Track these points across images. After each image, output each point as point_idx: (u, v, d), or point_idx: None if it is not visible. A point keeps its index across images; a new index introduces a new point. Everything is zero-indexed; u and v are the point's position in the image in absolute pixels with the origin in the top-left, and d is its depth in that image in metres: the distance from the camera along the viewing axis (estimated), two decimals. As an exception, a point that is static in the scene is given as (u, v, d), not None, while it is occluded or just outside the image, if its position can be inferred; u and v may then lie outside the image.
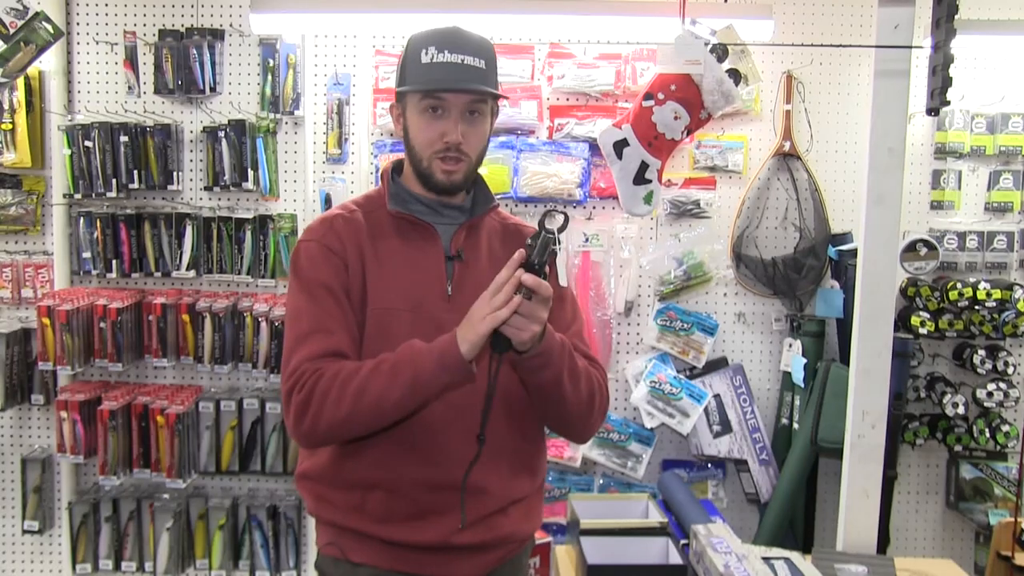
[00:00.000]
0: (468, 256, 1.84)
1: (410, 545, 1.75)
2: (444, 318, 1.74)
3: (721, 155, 3.41)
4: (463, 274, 1.82)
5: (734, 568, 2.13)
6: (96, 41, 3.38)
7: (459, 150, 1.78)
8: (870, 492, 2.65)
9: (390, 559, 1.77)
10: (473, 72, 1.78)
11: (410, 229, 1.84)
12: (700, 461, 3.46)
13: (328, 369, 1.67)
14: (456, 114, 1.77)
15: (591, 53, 3.36)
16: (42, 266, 3.42)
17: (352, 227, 1.82)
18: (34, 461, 3.43)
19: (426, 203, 1.86)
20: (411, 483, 1.74)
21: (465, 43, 1.80)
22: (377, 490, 1.75)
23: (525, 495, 1.86)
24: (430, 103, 1.78)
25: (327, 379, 1.66)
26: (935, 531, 3.61)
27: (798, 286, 3.39)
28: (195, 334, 3.31)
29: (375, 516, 1.75)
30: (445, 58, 1.77)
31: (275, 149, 3.37)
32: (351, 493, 1.77)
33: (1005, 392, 3.34)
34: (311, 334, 1.72)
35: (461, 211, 1.89)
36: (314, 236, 1.82)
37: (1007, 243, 3.45)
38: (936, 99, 2.36)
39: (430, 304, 1.78)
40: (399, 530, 1.75)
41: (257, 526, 3.38)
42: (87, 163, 3.30)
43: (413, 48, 1.81)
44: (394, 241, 1.82)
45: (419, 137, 1.80)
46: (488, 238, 1.90)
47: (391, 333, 1.74)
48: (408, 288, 1.79)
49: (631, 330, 3.48)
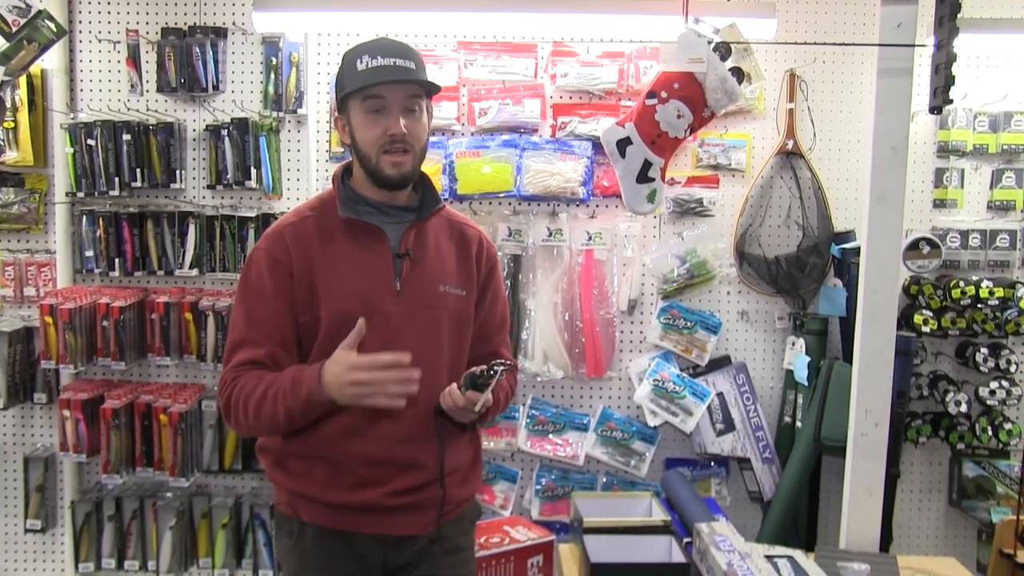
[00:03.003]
0: (416, 254, 2.04)
1: (348, 506, 2.00)
2: (393, 312, 1.99)
3: (724, 153, 3.41)
4: (411, 270, 2.02)
5: (737, 566, 2.14)
6: (99, 39, 3.38)
7: (404, 141, 1.96)
8: (873, 490, 2.65)
9: (332, 519, 2.02)
10: (406, 71, 1.96)
11: (359, 231, 2.02)
12: (703, 459, 3.46)
13: (240, 381, 1.94)
14: (396, 109, 1.95)
15: (594, 51, 3.36)
16: (45, 264, 3.42)
17: (301, 235, 2.01)
18: (37, 460, 3.43)
19: (375, 205, 2.05)
20: (352, 458, 1.99)
21: (395, 49, 1.98)
22: (322, 462, 2.00)
23: (459, 466, 2.11)
24: (372, 104, 1.96)
25: (237, 391, 1.94)
26: (938, 529, 3.61)
27: (801, 284, 3.39)
28: (198, 333, 3.31)
29: (320, 483, 2.01)
30: (379, 62, 1.95)
31: (278, 147, 3.37)
32: (300, 463, 2.03)
33: (1007, 390, 3.33)
34: (241, 345, 1.99)
35: (408, 211, 2.08)
36: (262, 247, 2.03)
37: (1010, 241, 3.45)
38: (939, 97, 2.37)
39: (379, 300, 1.99)
40: (340, 494, 1.99)
41: (260, 525, 3.38)
42: (90, 161, 3.30)
43: (348, 61, 1.99)
44: (344, 244, 2.01)
45: (365, 137, 1.97)
46: (435, 236, 2.10)
47: (345, 330, 1.89)
48: (357, 288, 1.99)
49: (634, 328, 3.48)
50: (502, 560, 2.74)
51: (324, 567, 2.04)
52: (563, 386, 3.50)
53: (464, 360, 2.12)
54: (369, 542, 2.04)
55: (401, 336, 1.98)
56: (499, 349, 2.20)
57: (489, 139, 3.32)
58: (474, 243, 2.16)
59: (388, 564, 2.06)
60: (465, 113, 3.38)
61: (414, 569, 2.07)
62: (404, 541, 2.05)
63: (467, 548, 2.20)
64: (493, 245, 2.23)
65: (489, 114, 3.32)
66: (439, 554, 2.08)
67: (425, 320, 2.02)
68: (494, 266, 2.20)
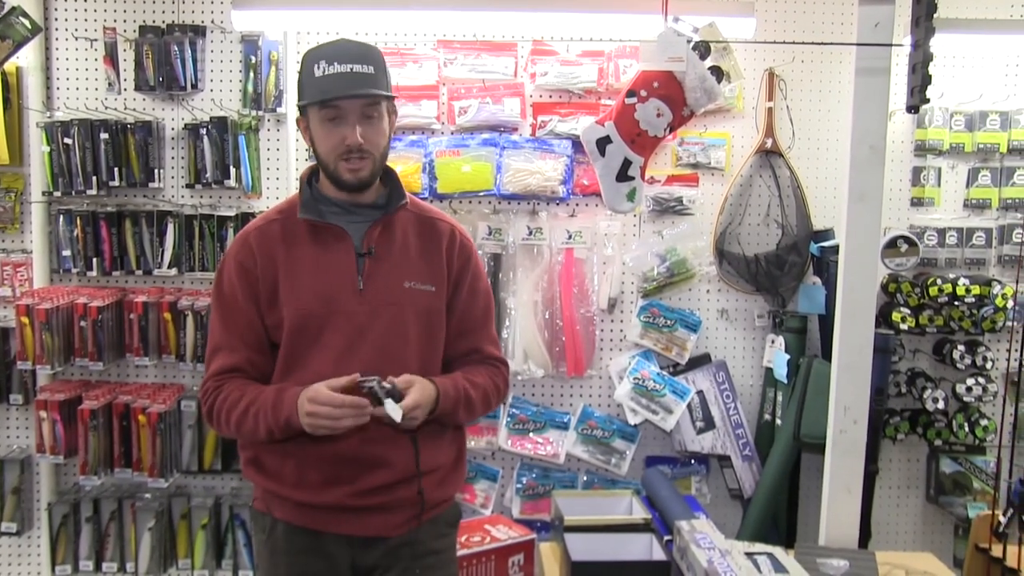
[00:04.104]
0: (380, 251, 2.04)
1: (316, 505, 2.01)
2: (356, 310, 2.00)
3: (704, 152, 3.42)
4: (374, 268, 2.02)
5: (717, 564, 2.14)
6: (75, 37, 3.35)
7: (361, 150, 1.97)
8: (852, 487, 2.66)
9: (302, 517, 2.03)
10: (363, 78, 1.95)
11: (322, 232, 2.03)
12: (683, 457, 3.47)
13: (223, 392, 1.99)
14: (353, 119, 1.96)
15: (574, 50, 3.36)
16: (21, 264, 3.39)
17: (266, 239, 2.04)
18: (12, 462, 3.39)
19: (339, 204, 2.06)
20: (321, 456, 1.98)
21: (352, 53, 1.97)
22: (292, 459, 2.01)
23: (438, 466, 2.08)
24: (328, 113, 1.96)
25: (220, 401, 1.99)
26: (916, 525, 3.64)
27: (780, 283, 3.41)
28: (177, 332, 3.29)
29: (290, 481, 2.01)
30: (335, 69, 1.94)
31: (257, 146, 3.36)
32: (272, 460, 2.04)
33: (984, 387, 3.37)
34: (219, 350, 2.03)
35: (375, 208, 2.08)
36: (231, 253, 2.06)
37: (985, 239, 3.49)
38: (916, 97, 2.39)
39: (342, 300, 2.00)
40: (308, 493, 2.00)
41: (240, 525, 3.37)
42: (67, 160, 3.27)
43: (307, 64, 1.99)
44: (307, 247, 2.03)
45: (323, 145, 1.99)
46: (402, 231, 2.09)
47: (308, 331, 1.99)
48: (320, 288, 2.00)
49: (614, 327, 3.49)
50: (483, 559, 2.74)
51: (293, 563, 2.04)
52: (543, 385, 3.50)
53: (438, 357, 2.10)
54: (337, 541, 2.03)
55: (365, 335, 1.99)
56: (481, 345, 2.17)
57: (469, 138, 3.32)
58: (444, 237, 2.12)
59: (357, 564, 2.05)
60: (445, 112, 3.37)
61: (384, 571, 2.05)
62: (373, 542, 2.04)
63: (443, 551, 2.15)
64: (469, 237, 2.19)
65: (469, 113, 3.32)
66: (410, 557, 2.05)
67: (390, 318, 2.01)
68: (469, 259, 2.15)
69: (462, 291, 2.14)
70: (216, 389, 2.00)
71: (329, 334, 1.98)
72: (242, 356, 2.01)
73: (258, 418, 1.93)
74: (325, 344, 1.98)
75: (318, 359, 1.98)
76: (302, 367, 1.99)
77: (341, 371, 1.90)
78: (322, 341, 1.98)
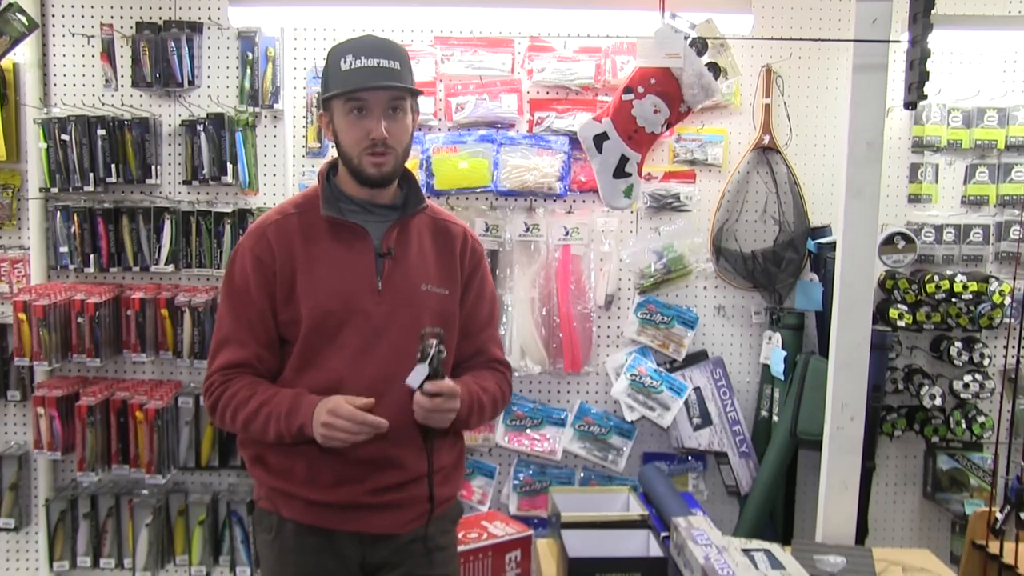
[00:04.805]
0: (398, 253, 2.03)
1: (328, 504, 2.00)
2: (374, 311, 1.99)
3: (701, 149, 3.42)
4: (393, 269, 2.02)
5: (714, 560, 2.15)
6: (72, 33, 3.35)
7: (385, 144, 1.96)
8: (849, 484, 2.67)
9: (312, 516, 2.02)
10: (389, 72, 1.95)
11: (342, 230, 2.02)
12: (680, 454, 3.47)
13: (232, 385, 1.97)
14: (378, 112, 1.95)
15: (571, 47, 3.36)
16: (18, 261, 3.39)
17: (284, 233, 2.02)
18: (10, 458, 3.40)
19: (358, 203, 2.05)
20: (333, 455, 1.95)
21: (379, 48, 1.97)
22: (303, 458, 1.99)
23: (442, 466, 2.08)
24: (353, 105, 1.95)
25: (227, 397, 1.97)
26: (913, 521, 3.64)
27: (777, 279, 3.41)
28: (174, 329, 3.28)
29: (300, 479, 2.00)
30: (362, 63, 1.94)
31: (254, 143, 3.35)
32: (281, 459, 2.02)
33: (981, 383, 3.37)
34: (226, 343, 2.01)
35: (392, 209, 2.08)
36: (246, 245, 2.03)
37: (983, 236, 3.49)
38: (913, 93, 2.39)
39: (361, 299, 1.99)
40: (319, 491, 1.99)
41: (237, 521, 3.37)
42: (64, 157, 3.27)
43: (333, 59, 1.99)
44: (327, 243, 2.02)
45: (347, 138, 1.98)
46: (418, 235, 2.09)
47: (326, 328, 1.97)
48: (340, 287, 1.99)
49: (611, 323, 3.49)
50: (480, 555, 2.74)
51: (302, 563, 2.03)
52: (540, 381, 3.50)
53: (450, 360, 2.09)
54: (348, 539, 2.03)
55: (382, 335, 1.98)
56: (487, 347, 2.18)
57: (466, 134, 3.32)
58: (458, 240, 2.14)
59: (367, 562, 2.05)
60: (442, 108, 3.37)
61: (394, 568, 2.06)
62: (383, 539, 2.04)
63: (448, 547, 2.18)
64: (479, 241, 2.21)
65: (466, 109, 3.31)
66: (419, 553, 2.07)
67: (406, 319, 2.00)
68: (479, 262, 2.18)
69: (471, 294, 2.15)
70: (223, 384, 1.98)
71: (346, 333, 1.97)
72: (251, 351, 2.00)
73: (269, 420, 1.92)
74: (342, 343, 1.97)
75: (334, 358, 1.97)
76: (317, 365, 1.98)
77: (357, 371, 1.93)
78: (339, 340, 1.98)
